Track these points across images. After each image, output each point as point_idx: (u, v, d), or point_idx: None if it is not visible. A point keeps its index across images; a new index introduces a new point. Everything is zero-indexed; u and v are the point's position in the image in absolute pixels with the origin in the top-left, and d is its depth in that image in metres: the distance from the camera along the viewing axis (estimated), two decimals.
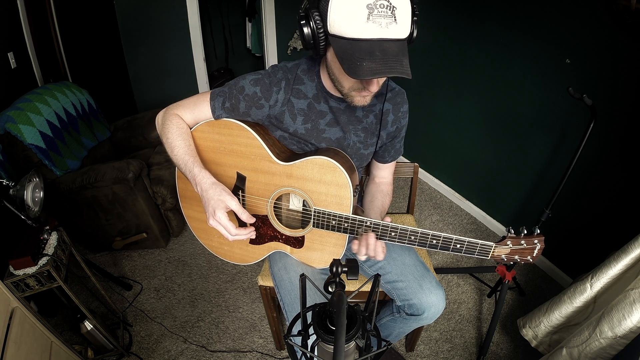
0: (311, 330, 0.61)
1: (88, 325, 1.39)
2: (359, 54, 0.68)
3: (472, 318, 1.67)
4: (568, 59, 1.55)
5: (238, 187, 1.01)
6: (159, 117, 1.00)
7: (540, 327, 1.32)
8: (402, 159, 2.81)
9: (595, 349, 1.04)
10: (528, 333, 1.37)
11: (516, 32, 1.76)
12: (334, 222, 0.92)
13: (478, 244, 0.83)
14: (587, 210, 1.64)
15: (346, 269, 0.58)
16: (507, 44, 1.83)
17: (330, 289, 0.56)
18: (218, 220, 0.84)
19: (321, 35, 0.74)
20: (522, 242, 0.81)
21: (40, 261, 1.18)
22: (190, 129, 0.99)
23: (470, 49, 2.03)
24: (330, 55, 0.79)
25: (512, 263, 0.85)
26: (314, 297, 0.93)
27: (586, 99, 1.17)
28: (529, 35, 1.70)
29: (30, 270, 1.16)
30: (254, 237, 0.98)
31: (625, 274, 1.11)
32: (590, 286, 1.17)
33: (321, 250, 1.01)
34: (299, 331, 0.65)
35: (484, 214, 2.22)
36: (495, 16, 1.85)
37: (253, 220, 0.89)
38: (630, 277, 1.06)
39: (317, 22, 0.72)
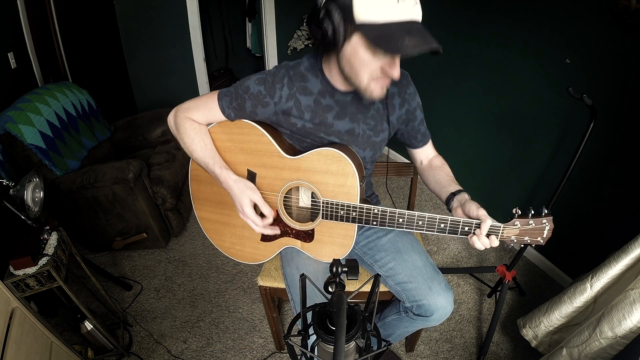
0: (311, 331, 0.61)
1: (88, 325, 1.39)
2: (398, 34, 0.71)
3: (472, 318, 1.67)
4: (568, 59, 1.55)
5: None
6: (170, 121, 1.03)
7: (540, 327, 1.32)
8: (401, 158, 2.81)
9: (596, 349, 1.04)
10: (528, 333, 1.37)
11: (516, 32, 1.76)
12: (342, 212, 0.93)
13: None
14: (587, 210, 1.64)
15: (346, 269, 0.58)
16: (507, 43, 1.83)
17: (330, 289, 0.56)
18: (247, 214, 0.96)
19: (341, 28, 0.75)
20: (531, 222, 0.80)
21: (40, 261, 1.18)
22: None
23: (470, 49, 2.03)
24: (351, 47, 0.78)
25: (522, 246, 0.82)
26: (322, 299, 0.93)
27: (586, 99, 1.17)
28: (529, 35, 1.70)
29: (30, 270, 1.16)
30: (278, 232, 1.04)
31: (625, 274, 1.11)
32: (590, 286, 1.17)
33: (331, 243, 1.02)
34: (299, 331, 0.65)
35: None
36: (495, 16, 1.85)
37: (273, 213, 0.98)
38: (630, 277, 1.06)
39: (338, 15, 0.74)
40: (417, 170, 1.18)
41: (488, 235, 0.83)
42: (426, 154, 1.13)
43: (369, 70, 0.80)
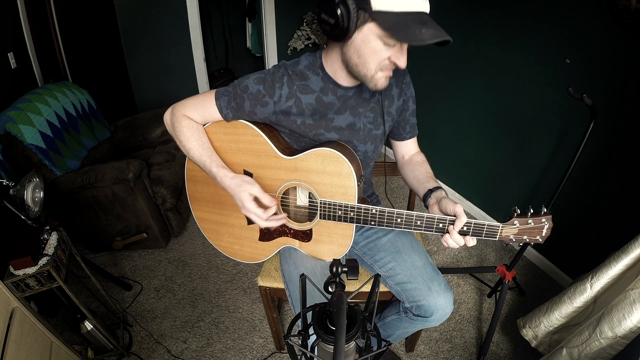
0: (311, 331, 0.61)
1: (88, 325, 1.39)
2: (414, 23, 0.73)
3: (472, 318, 1.67)
4: (568, 59, 1.55)
5: None
6: (167, 119, 1.02)
7: (540, 327, 1.32)
8: None
9: (596, 349, 1.04)
10: (528, 333, 1.37)
11: (516, 31, 1.76)
12: (340, 212, 0.93)
13: (485, 225, 0.82)
14: (587, 210, 1.64)
15: (346, 269, 0.58)
16: (507, 43, 1.83)
17: (330, 289, 0.56)
18: (248, 209, 0.92)
19: (354, 15, 0.75)
20: (530, 221, 0.80)
21: (40, 261, 1.18)
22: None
23: (470, 48, 2.03)
24: (362, 36, 0.79)
25: (521, 244, 0.82)
26: (321, 297, 0.93)
27: (586, 99, 1.17)
28: (529, 35, 1.70)
29: (30, 270, 1.16)
30: (284, 221, 1.01)
31: (625, 274, 1.11)
32: (590, 286, 1.17)
33: (329, 242, 1.02)
34: (299, 331, 0.65)
35: (484, 213, 2.22)
36: (495, 15, 1.85)
37: (275, 202, 0.95)
38: (630, 277, 1.06)
39: (352, 2, 0.74)
40: (397, 165, 1.16)
41: (464, 235, 0.82)
42: (409, 149, 1.13)
43: (378, 59, 0.81)
